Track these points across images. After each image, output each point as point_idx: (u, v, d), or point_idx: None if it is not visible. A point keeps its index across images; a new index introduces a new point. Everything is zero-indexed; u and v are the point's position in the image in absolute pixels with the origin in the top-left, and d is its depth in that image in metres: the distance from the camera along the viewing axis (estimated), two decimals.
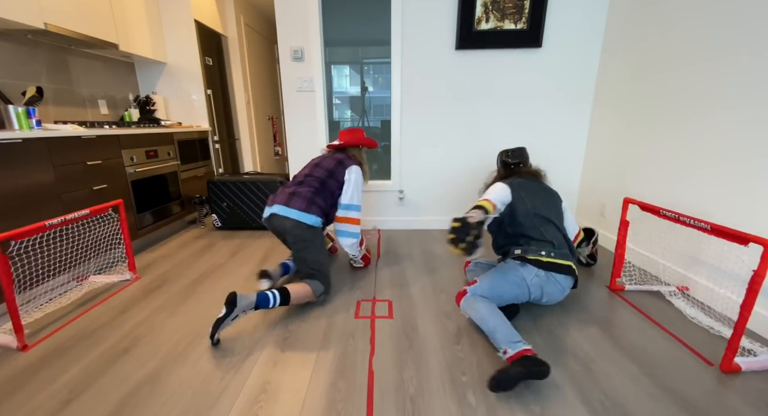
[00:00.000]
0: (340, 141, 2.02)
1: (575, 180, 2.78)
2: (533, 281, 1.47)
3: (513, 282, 1.48)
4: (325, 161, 1.91)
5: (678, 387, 1.18)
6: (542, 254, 1.50)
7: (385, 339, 1.45)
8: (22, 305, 1.68)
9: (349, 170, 1.89)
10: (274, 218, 1.73)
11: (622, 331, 1.50)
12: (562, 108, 2.64)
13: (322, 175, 1.85)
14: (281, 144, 5.07)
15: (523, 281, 1.48)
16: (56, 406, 1.12)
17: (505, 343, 1.23)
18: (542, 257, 1.49)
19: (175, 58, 3.15)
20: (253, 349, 1.39)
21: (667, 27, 1.92)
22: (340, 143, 2.02)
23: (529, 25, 2.45)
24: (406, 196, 2.89)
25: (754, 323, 1.49)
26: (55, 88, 2.43)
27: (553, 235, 1.57)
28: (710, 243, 1.66)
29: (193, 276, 2.04)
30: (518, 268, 1.50)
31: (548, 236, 1.55)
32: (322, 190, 1.80)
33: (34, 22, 1.96)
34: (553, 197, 1.72)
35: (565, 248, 1.56)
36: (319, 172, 1.86)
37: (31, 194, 1.70)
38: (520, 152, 1.84)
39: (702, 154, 1.72)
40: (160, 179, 2.60)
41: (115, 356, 1.36)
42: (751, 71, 1.49)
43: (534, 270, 1.48)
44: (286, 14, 2.53)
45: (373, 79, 2.78)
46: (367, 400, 1.14)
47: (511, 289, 1.47)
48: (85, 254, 1.99)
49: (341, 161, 1.91)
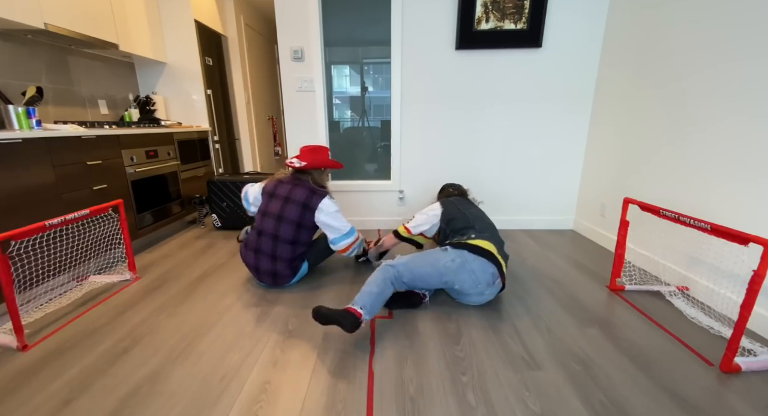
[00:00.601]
0: (301, 161, 1.85)
1: (575, 180, 2.79)
2: (447, 265, 1.57)
3: (427, 262, 1.60)
4: (289, 211, 1.76)
5: (678, 387, 1.18)
6: (463, 237, 1.66)
7: (385, 339, 1.45)
8: (22, 305, 1.68)
9: (318, 210, 1.77)
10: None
11: (622, 331, 1.50)
12: (562, 107, 2.64)
13: (290, 235, 1.76)
14: (281, 144, 5.07)
15: (438, 261, 1.58)
16: (56, 406, 1.12)
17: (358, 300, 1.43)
18: (463, 239, 1.64)
19: (175, 58, 3.15)
20: (253, 349, 1.39)
21: (667, 27, 1.92)
22: (302, 164, 1.85)
23: (529, 25, 2.45)
24: (406, 196, 2.89)
25: (754, 323, 1.49)
26: (55, 88, 2.43)
27: (481, 223, 1.76)
28: (710, 243, 1.66)
29: (193, 276, 2.04)
30: (439, 251, 1.63)
31: (476, 224, 1.74)
32: (296, 247, 1.80)
33: (34, 22, 1.96)
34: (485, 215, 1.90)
35: (489, 234, 1.69)
36: (286, 231, 1.75)
37: (31, 194, 1.70)
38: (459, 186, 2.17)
39: (702, 153, 1.72)
40: (160, 179, 2.60)
41: (115, 356, 1.36)
42: (751, 71, 1.49)
43: (452, 255, 1.58)
44: (286, 14, 2.53)
45: (373, 79, 2.78)
46: (367, 400, 1.14)
47: (424, 267, 1.59)
48: (85, 254, 1.99)
49: (307, 204, 1.76)
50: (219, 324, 1.56)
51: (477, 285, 1.57)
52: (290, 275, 1.84)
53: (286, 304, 1.73)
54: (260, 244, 1.80)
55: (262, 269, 1.81)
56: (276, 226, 1.77)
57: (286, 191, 1.80)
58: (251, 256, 1.83)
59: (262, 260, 1.79)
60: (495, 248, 1.61)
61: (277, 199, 1.80)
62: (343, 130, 2.88)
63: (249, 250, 1.84)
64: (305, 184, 1.82)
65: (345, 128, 2.89)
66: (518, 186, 2.82)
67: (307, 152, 1.89)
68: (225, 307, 1.70)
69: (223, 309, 1.68)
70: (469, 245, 1.60)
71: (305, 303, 1.73)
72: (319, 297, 1.79)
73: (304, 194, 1.78)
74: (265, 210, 1.82)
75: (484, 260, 1.56)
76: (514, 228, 2.89)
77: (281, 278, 1.83)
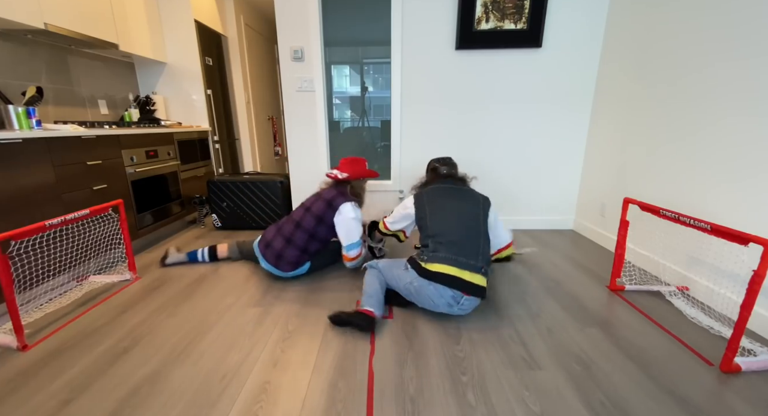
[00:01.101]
0: (343, 173, 1.95)
1: (575, 180, 2.79)
2: (407, 286, 1.57)
3: (394, 276, 1.63)
4: (316, 205, 1.89)
5: (678, 387, 1.18)
6: (422, 255, 1.58)
7: (385, 339, 1.45)
8: (22, 305, 1.68)
9: (339, 211, 1.86)
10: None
11: (622, 331, 1.50)
12: (562, 107, 2.64)
13: (310, 226, 1.87)
14: (281, 144, 5.07)
15: (400, 280, 1.60)
16: (56, 406, 1.12)
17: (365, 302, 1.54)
18: (419, 259, 1.57)
19: (175, 58, 3.15)
20: (253, 349, 1.39)
21: (668, 26, 1.92)
22: (344, 176, 1.94)
23: (529, 25, 2.45)
24: (406, 196, 2.89)
25: (754, 323, 1.49)
26: (55, 88, 2.43)
27: (447, 236, 1.57)
28: (710, 243, 1.66)
29: (193, 276, 2.04)
30: (402, 268, 1.62)
31: (437, 238, 1.58)
32: (311, 240, 1.89)
33: (34, 22, 1.96)
34: (467, 203, 1.71)
35: (448, 249, 1.53)
36: (308, 221, 1.87)
37: (31, 194, 1.70)
38: (448, 160, 1.97)
39: (702, 153, 1.72)
40: (160, 179, 2.60)
41: (115, 356, 1.36)
42: (752, 70, 1.50)
43: (410, 277, 1.56)
44: (286, 14, 2.53)
45: (373, 79, 2.78)
46: (367, 400, 1.14)
47: (391, 280, 1.64)
48: (85, 254, 1.99)
49: (331, 203, 1.87)
50: (219, 324, 1.56)
51: (437, 307, 1.53)
52: (293, 264, 1.90)
53: (287, 304, 1.73)
54: (283, 225, 1.94)
55: (273, 246, 1.90)
56: (302, 215, 1.90)
57: (322, 192, 1.97)
58: (272, 231, 1.96)
59: (277, 239, 1.90)
60: (454, 269, 1.47)
61: (312, 196, 1.99)
62: (343, 130, 2.88)
63: (272, 226, 2.01)
64: (340, 189, 1.93)
65: (345, 128, 2.89)
66: (518, 186, 2.82)
67: (347, 163, 1.97)
68: (225, 307, 1.70)
69: (223, 309, 1.68)
70: (422, 268, 1.52)
71: (305, 303, 1.73)
72: (319, 297, 1.79)
73: (331, 194, 1.90)
74: (302, 203, 1.99)
75: (438, 285, 1.48)
76: (514, 228, 2.89)
77: (284, 263, 1.89)
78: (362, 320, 1.46)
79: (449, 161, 1.96)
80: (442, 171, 1.90)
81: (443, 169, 1.91)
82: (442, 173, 1.90)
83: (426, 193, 1.79)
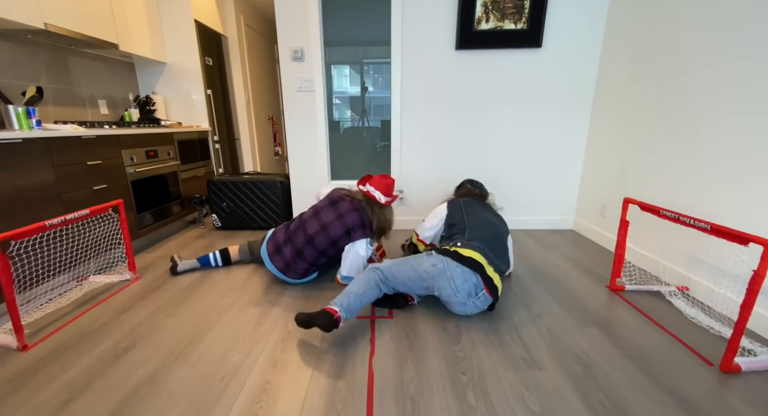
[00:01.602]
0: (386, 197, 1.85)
1: (575, 180, 2.79)
2: (428, 269, 1.53)
3: (410, 265, 1.59)
4: (334, 227, 1.79)
5: (678, 387, 1.18)
6: (450, 243, 1.61)
7: (385, 339, 1.45)
8: (22, 305, 1.68)
9: (352, 242, 1.81)
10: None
11: (622, 331, 1.50)
12: (562, 107, 2.64)
13: (323, 246, 1.81)
14: (281, 144, 5.07)
15: (419, 265, 1.56)
16: (56, 406, 1.12)
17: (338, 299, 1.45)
18: (449, 247, 1.58)
19: (175, 58, 3.15)
20: (253, 349, 1.39)
21: (668, 26, 1.92)
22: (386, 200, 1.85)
23: (529, 25, 2.45)
24: (406, 196, 2.89)
25: (754, 323, 1.49)
26: (55, 88, 2.43)
27: (478, 231, 1.66)
28: (710, 243, 1.66)
29: (193, 276, 2.04)
30: (423, 256, 1.61)
31: (470, 231, 1.66)
32: (321, 257, 1.85)
33: (34, 22, 1.96)
34: (498, 220, 1.82)
35: (481, 243, 1.59)
36: (321, 241, 1.80)
37: (31, 194, 1.70)
38: (481, 184, 2.13)
39: (702, 153, 1.72)
40: (160, 179, 2.60)
41: (115, 356, 1.36)
42: (752, 69, 1.49)
43: (434, 260, 1.54)
44: (286, 14, 2.53)
45: (373, 79, 2.78)
46: (367, 400, 1.14)
47: (407, 271, 1.58)
48: (85, 254, 1.99)
49: (350, 233, 1.80)
50: (219, 324, 1.56)
51: (456, 294, 1.49)
52: (301, 274, 1.88)
53: (287, 304, 1.73)
54: (296, 234, 1.85)
55: (283, 254, 1.86)
56: (317, 231, 1.82)
57: (345, 209, 1.83)
58: (282, 234, 1.91)
59: (287, 247, 1.86)
60: (483, 259, 1.52)
61: (333, 210, 1.84)
62: (343, 130, 2.88)
63: (282, 227, 1.95)
64: (364, 218, 1.82)
65: (345, 128, 2.89)
66: (518, 186, 2.82)
67: (387, 186, 1.87)
68: (225, 307, 1.70)
69: (223, 309, 1.68)
70: (452, 252, 1.54)
71: (306, 304, 1.73)
72: (319, 297, 1.79)
73: (353, 221, 1.81)
74: (318, 212, 1.87)
75: (466, 268, 1.49)
76: (515, 228, 2.89)
77: (291, 271, 1.87)
78: (325, 320, 1.36)
79: (481, 185, 2.12)
80: (475, 191, 2.07)
81: (476, 190, 2.08)
82: (475, 192, 2.07)
83: (462, 200, 1.90)
